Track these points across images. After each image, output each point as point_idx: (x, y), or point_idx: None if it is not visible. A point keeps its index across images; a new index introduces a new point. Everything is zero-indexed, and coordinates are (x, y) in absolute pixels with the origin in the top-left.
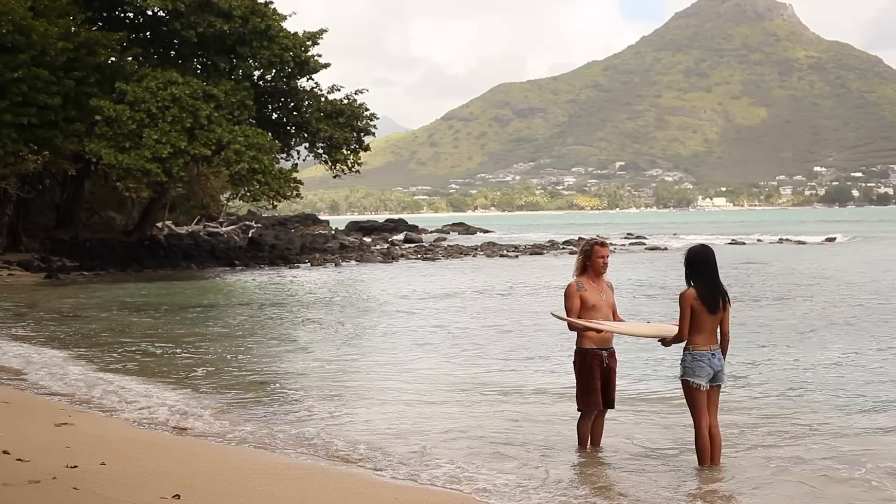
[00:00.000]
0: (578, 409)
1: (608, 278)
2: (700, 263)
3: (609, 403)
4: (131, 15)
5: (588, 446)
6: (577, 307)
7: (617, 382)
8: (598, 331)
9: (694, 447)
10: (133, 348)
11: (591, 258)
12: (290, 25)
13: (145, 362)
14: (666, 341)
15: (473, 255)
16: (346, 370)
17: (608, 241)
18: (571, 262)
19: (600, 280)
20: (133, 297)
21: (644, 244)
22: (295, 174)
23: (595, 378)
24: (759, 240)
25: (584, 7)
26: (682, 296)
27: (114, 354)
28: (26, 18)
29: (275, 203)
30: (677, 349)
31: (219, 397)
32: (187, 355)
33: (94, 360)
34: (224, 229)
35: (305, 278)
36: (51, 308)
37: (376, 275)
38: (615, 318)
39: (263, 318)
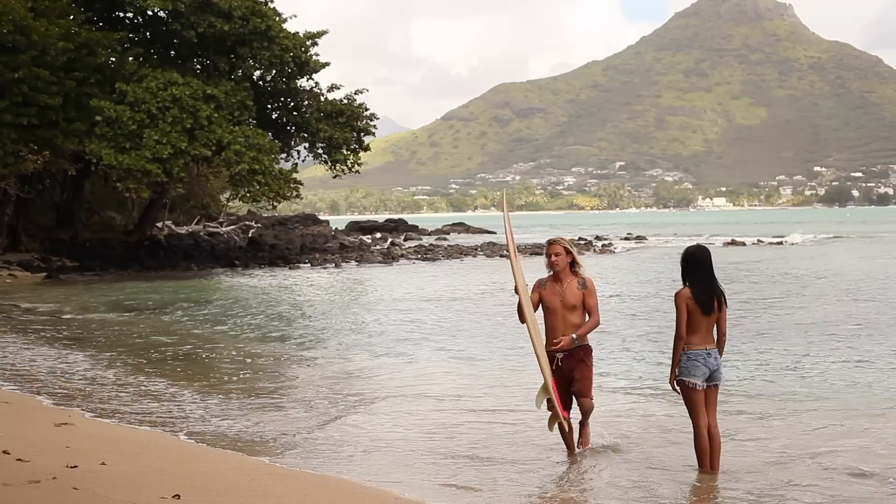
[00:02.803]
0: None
1: (587, 275)
2: (695, 263)
3: (575, 394)
4: (131, 15)
5: (577, 447)
6: (533, 300)
7: (613, 383)
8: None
9: (693, 448)
10: (136, 348)
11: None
12: (290, 25)
13: (148, 362)
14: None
15: (473, 256)
16: (348, 373)
17: (562, 239)
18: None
19: (563, 280)
20: (135, 298)
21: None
22: (295, 174)
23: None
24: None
25: (585, 7)
26: (676, 295)
27: (116, 354)
28: (27, 19)
29: (275, 203)
30: (660, 349)
31: (220, 397)
32: (189, 356)
33: (96, 359)
34: (224, 229)
35: (306, 279)
36: (51, 308)
37: (377, 275)
38: (592, 316)
39: (266, 319)
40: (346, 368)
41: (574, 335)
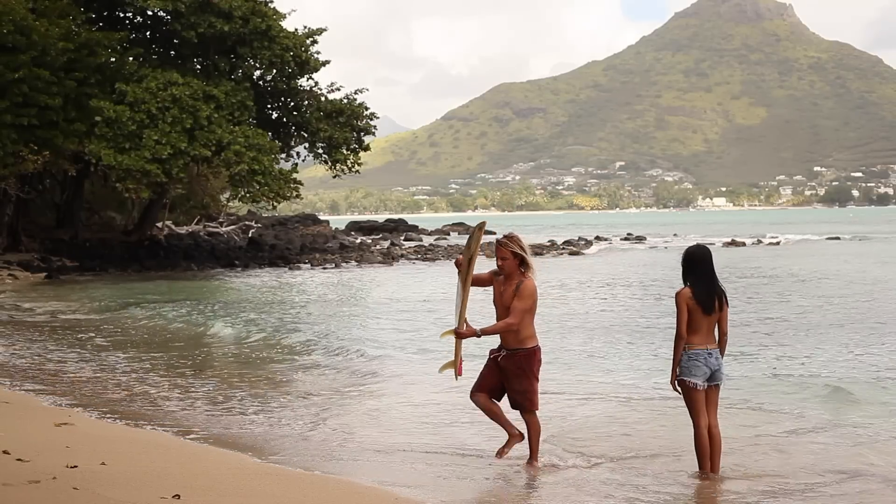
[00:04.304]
0: None
1: (531, 277)
2: (696, 263)
3: (512, 405)
4: (131, 15)
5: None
6: (482, 278)
7: (606, 383)
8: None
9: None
10: (135, 348)
11: None
12: (291, 24)
13: (150, 362)
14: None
15: None
16: (349, 373)
17: (510, 242)
18: (571, 262)
19: (508, 280)
20: (137, 299)
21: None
22: (295, 174)
23: (485, 367)
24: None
25: (585, 7)
26: (677, 295)
27: (116, 354)
28: (27, 19)
29: (275, 203)
30: (653, 349)
31: (220, 397)
32: (188, 355)
33: (99, 357)
34: (224, 229)
35: (306, 279)
36: (54, 309)
37: (377, 276)
38: (509, 315)
39: (266, 319)
40: (346, 369)
41: (478, 329)
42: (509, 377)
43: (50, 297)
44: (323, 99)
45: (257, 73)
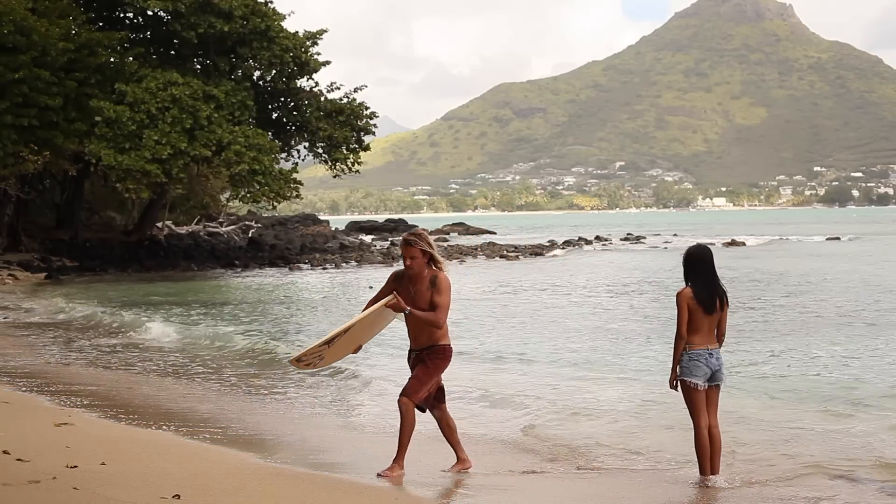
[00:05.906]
0: None
1: (444, 271)
2: (697, 263)
3: (429, 402)
4: (131, 15)
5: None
6: (384, 292)
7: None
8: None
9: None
10: (132, 348)
11: None
12: (291, 24)
13: (149, 360)
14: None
15: (474, 256)
16: (349, 373)
17: (419, 240)
18: (572, 262)
19: (417, 282)
20: (138, 298)
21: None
22: (295, 174)
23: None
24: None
25: (586, 7)
26: (678, 295)
27: (119, 352)
28: (27, 19)
29: (275, 203)
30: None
31: (220, 397)
32: (188, 355)
33: (99, 357)
34: (224, 229)
35: (306, 279)
36: (55, 310)
37: (377, 276)
38: (435, 311)
39: (267, 319)
40: (347, 369)
41: (408, 308)
42: (414, 368)
43: (50, 297)
44: (323, 98)
45: (257, 73)
